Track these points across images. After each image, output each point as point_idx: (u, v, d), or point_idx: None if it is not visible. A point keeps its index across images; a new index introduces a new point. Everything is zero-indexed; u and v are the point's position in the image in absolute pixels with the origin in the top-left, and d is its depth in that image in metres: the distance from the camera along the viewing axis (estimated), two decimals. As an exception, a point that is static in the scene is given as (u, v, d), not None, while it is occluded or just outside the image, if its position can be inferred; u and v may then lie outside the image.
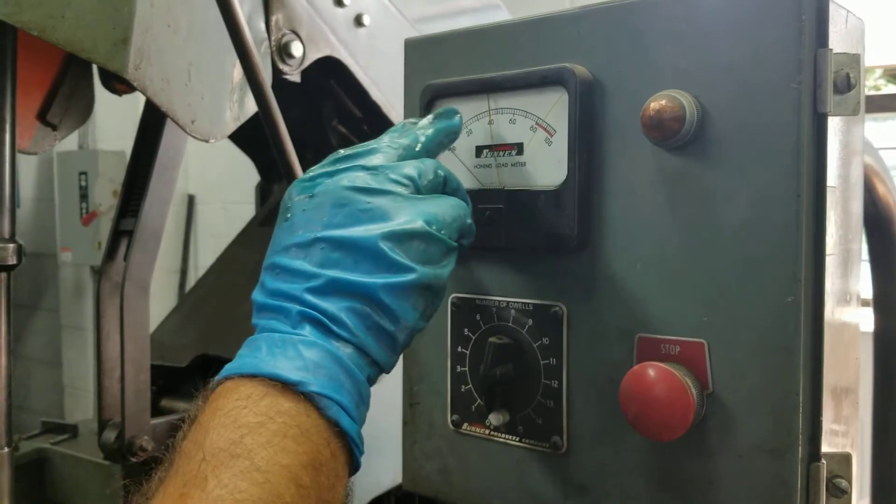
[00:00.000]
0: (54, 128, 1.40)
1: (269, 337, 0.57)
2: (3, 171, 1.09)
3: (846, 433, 0.68)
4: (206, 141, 1.20)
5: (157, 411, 1.37)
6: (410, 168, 0.63)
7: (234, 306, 1.51)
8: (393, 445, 1.44)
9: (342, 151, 0.64)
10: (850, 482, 0.62)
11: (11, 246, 1.06)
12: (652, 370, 0.62)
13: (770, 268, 0.60)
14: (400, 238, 0.59)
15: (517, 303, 0.73)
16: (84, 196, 3.62)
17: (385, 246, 0.58)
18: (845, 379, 0.67)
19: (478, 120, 0.75)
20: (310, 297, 0.57)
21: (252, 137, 1.69)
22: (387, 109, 1.52)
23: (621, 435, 0.67)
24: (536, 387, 0.72)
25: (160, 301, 1.85)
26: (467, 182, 0.75)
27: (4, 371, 1.08)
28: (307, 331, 0.56)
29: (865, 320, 1.46)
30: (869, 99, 3.16)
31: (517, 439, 0.73)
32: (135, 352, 1.20)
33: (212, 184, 3.72)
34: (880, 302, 1.40)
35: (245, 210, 2.25)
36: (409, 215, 0.60)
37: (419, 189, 0.63)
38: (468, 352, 0.76)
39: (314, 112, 1.56)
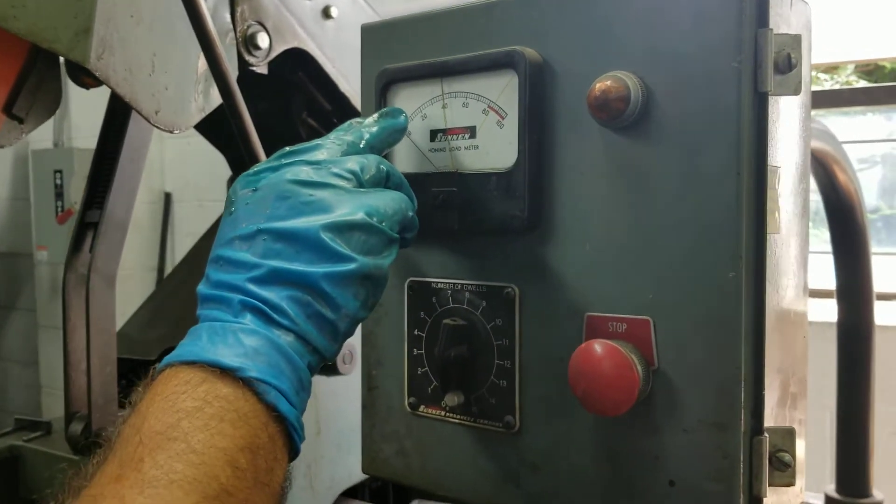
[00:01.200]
0: (21, 121, 1.39)
1: (211, 326, 0.57)
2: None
3: (793, 411, 0.69)
4: (171, 132, 1.19)
5: (125, 405, 1.36)
6: (353, 163, 0.64)
7: (204, 299, 1.52)
8: (365, 437, 1.45)
9: (287, 148, 0.66)
10: (793, 456, 0.63)
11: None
12: (598, 347, 0.62)
13: (712, 245, 0.61)
14: (341, 229, 0.60)
15: (471, 285, 0.74)
16: (60, 194, 3.60)
17: (326, 236, 0.59)
18: (791, 358, 0.68)
19: (432, 104, 0.75)
20: (251, 287, 0.58)
21: (221, 131, 1.69)
22: (356, 102, 1.52)
23: (571, 413, 0.68)
24: (490, 367, 0.72)
25: (137, 299, 1.83)
26: (422, 166, 0.76)
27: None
28: (248, 319, 0.57)
29: (830, 311, 1.48)
30: (840, 93, 3.20)
31: (472, 420, 0.74)
32: (101, 344, 1.20)
33: (188, 182, 3.70)
34: (843, 292, 1.42)
35: (222, 208, 2.24)
36: (350, 207, 0.61)
37: (361, 183, 0.64)
38: (424, 335, 0.77)
39: (283, 105, 1.56)
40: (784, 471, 0.62)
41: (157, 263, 3.76)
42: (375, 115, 0.71)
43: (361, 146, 0.67)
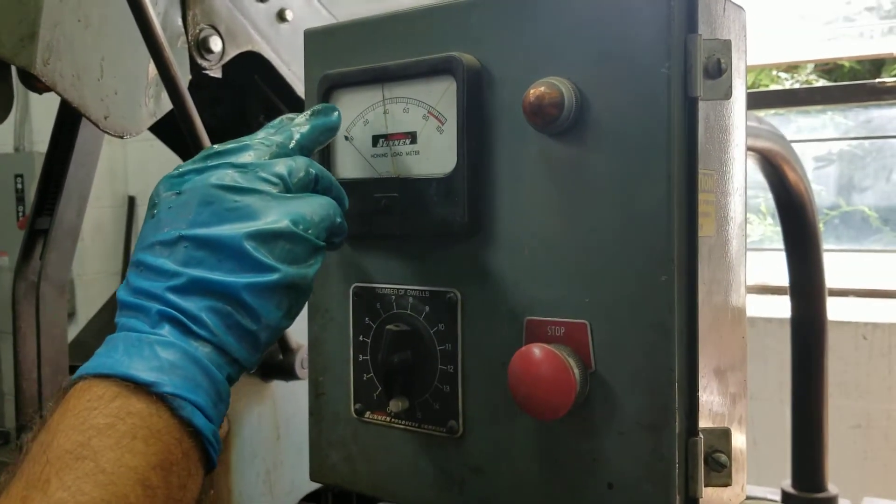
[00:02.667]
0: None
1: (127, 336, 0.57)
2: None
3: (732, 410, 0.70)
4: (121, 137, 1.18)
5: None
6: (281, 166, 0.63)
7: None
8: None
9: (215, 147, 0.64)
10: (729, 457, 0.63)
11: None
12: (536, 351, 0.63)
13: (645, 249, 0.62)
14: (265, 238, 0.59)
15: (414, 290, 0.74)
16: (21, 199, 3.55)
17: (249, 245, 0.58)
18: (729, 358, 0.69)
19: (373, 109, 0.75)
20: (171, 296, 0.57)
21: (179, 135, 1.67)
22: (313, 105, 1.52)
23: (513, 416, 0.68)
24: (434, 372, 0.73)
25: (101, 304, 1.81)
26: (365, 171, 0.76)
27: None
28: (166, 330, 0.57)
29: (782, 307, 1.50)
30: (797, 93, 3.25)
31: (416, 425, 0.74)
32: (52, 352, 1.19)
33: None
34: (796, 288, 1.44)
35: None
36: (275, 215, 0.60)
37: (289, 187, 0.63)
38: (369, 340, 0.77)
39: (240, 108, 1.55)
40: (720, 471, 0.63)
41: (122, 268, 3.72)
42: (308, 113, 0.70)
43: (291, 146, 0.66)
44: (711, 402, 0.66)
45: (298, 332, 1.31)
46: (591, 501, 0.64)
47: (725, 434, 0.64)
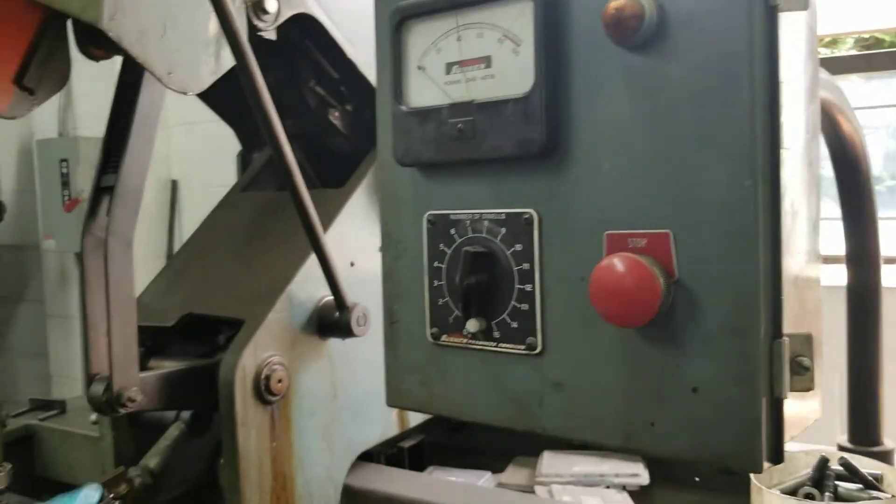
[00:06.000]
0: (31, 92, 1.40)
1: None
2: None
3: (809, 325, 0.71)
4: (184, 93, 1.21)
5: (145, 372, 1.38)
6: None
7: (217, 267, 1.53)
8: (380, 403, 1.46)
9: None
10: (812, 360, 0.64)
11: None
12: (620, 260, 0.64)
13: (729, 155, 0.63)
14: None
15: (490, 213, 0.76)
16: (66, 183, 3.62)
17: None
18: (800, 268, 0.69)
19: (446, 38, 0.77)
20: None
21: (231, 104, 1.70)
22: (363, 68, 1.53)
23: (593, 330, 0.69)
24: (511, 292, 0.74)
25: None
26: (438, 99, 0.77)
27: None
28: None
29: (832, 276, 1.49)
30: (842, 60, 3.20)
31: (494, 344, 0.75)
32: (120, 305, 1.22)
33: (194, 169, 3.72)
34: (852, 255, 1.43)
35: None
36: None
37: None
38: (444, 266, 0.78)
39: (291, 73, 1.57)
40: (803, 375, 0.63)
41: (167, 250, 3.79)
42: None
43: None
44: (792, 311, 0.66)
45: (353, 289, 1.33)
46: (674, 407, 0.65)
47: (808, 339, 0.64)
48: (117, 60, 1.28)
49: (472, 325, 0.74)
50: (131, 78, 1.29)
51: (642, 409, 0.67)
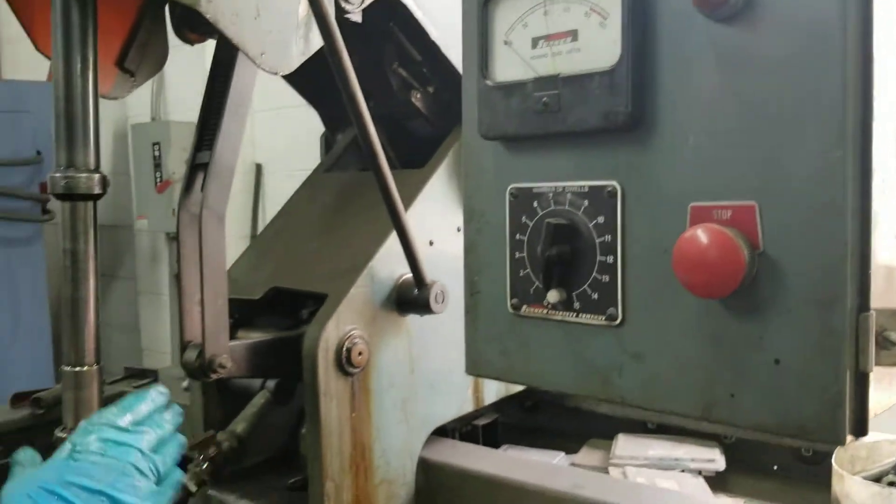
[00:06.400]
0: (132, 74, 1.48)
1: None
2: (88, 108, 1.16)
3: (899, 302, 0.69)
4: (275, 73, 1.26)
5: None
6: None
7: (301, 244, 1.58)
8: (456, 380, 1.49)
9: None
10: (900, 336, 0.63)
11: (97, 176, 1.14)
12: (704, 230, 0.64)
13: (818, 127, 0.62)
14: None
15: (573, 186, 0.77)
16: (158, 165, 3.77)
17: None
18: (890, 243, 0.68)
19: (533, 12, 0.78)
20: None
21: (316, 86, 1.75)
22: (445, 49, 1.55)
23: (675, 301, 0.70)
24: (592, 264, 0.75)
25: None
26: (524, 73, 0.79)
27: (93, 292, 1.16)
28: None
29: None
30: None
31: (574, 315, 0.77)
32: (212, 276, 1.27)
33: (278, 153, 3.82)
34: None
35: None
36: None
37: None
38: (526, 238, 0.80)
39: (375, 56, 1.60)
40: (890, 349, 0.63)
41: (251, 232, 3.91)
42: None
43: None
44: (879, 286, 0.65)
45: (431, 268, 1.36)
46: (756, 379, 0.65)
47: (895, 314, 0.63)
48: (207, 48, 1.34)
49: (552, 296, 0.76)
50: (225, 59, 1.34)
51: (723, 381, 0.67)
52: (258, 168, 3.95)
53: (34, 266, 3.84)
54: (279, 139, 3.72)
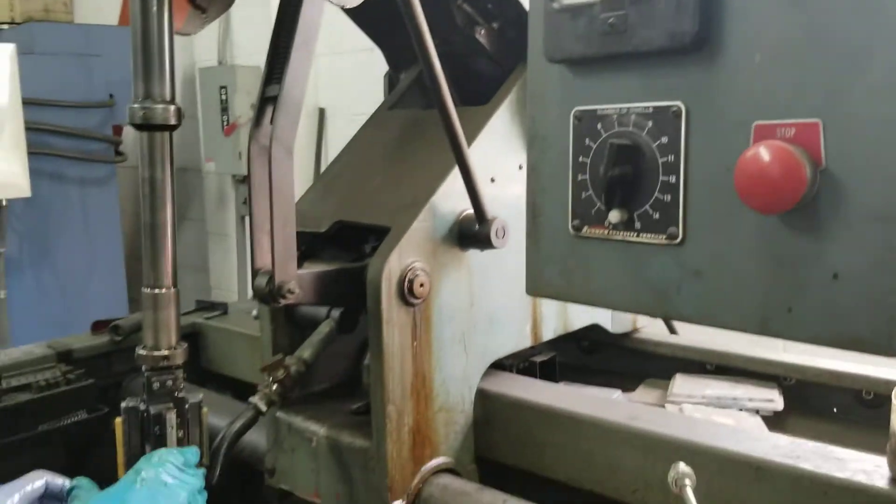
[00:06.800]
0: (203, 10, 1.51)
1: None
2: (164, 42, 1.20)
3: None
4: (342, 7, 1.28)
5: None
6: None
7: (365, 180, 1.61)
8: (515, 315, 1.52)
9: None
10: (965, 255, 0.63)
11: (172, 107, 1.19)
12: (766, 147, 0.65)
13: (887, 41, 0.62)
14: None
15: (637, 107, 0.77)
16: (225, 109, 3.86)
17: None
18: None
19: (601, -66, 0.78)
20: None
21: (380, 23, 1.77)
22: (509, -15, 1.55)
23: (735, 218, 0.71)
24: (654, 184, 0.76)
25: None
26: (591, -6, 0.79)
27: (170, 219, 1.22)
28: None
29: None
30: None
31: (635, 235, 0.78)
32: (281, 206, 1.32)
33: (341, 97, 3.86)
34: None
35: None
36: None
37: None
38: (589, 160, 0.81)
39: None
40: (953, 266, 0.63)
41: (314, 176, 3.98)
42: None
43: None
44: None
45: (492, 204, 1.38)
46: (813, 293, 0.66)
47: (962, 233, 0.63)
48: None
49: (614, 216, 0.77)
50: (293, -2, 1.37)
51: (780, 295, 0.68)
52: (321, 112, 3.99)
53: (108, 205, 4.01)
54: (341, 83, 3.75)
